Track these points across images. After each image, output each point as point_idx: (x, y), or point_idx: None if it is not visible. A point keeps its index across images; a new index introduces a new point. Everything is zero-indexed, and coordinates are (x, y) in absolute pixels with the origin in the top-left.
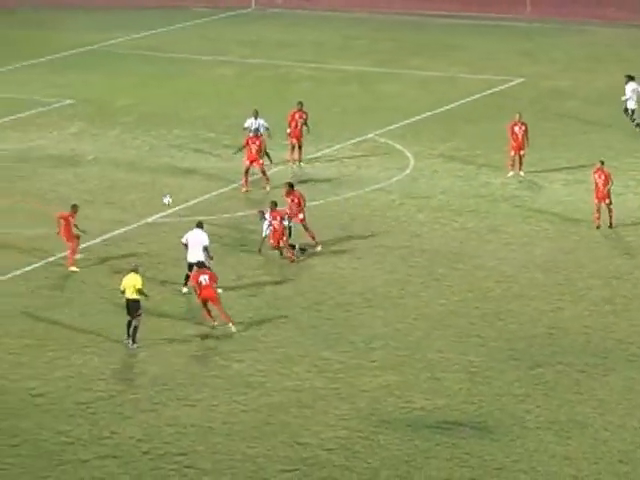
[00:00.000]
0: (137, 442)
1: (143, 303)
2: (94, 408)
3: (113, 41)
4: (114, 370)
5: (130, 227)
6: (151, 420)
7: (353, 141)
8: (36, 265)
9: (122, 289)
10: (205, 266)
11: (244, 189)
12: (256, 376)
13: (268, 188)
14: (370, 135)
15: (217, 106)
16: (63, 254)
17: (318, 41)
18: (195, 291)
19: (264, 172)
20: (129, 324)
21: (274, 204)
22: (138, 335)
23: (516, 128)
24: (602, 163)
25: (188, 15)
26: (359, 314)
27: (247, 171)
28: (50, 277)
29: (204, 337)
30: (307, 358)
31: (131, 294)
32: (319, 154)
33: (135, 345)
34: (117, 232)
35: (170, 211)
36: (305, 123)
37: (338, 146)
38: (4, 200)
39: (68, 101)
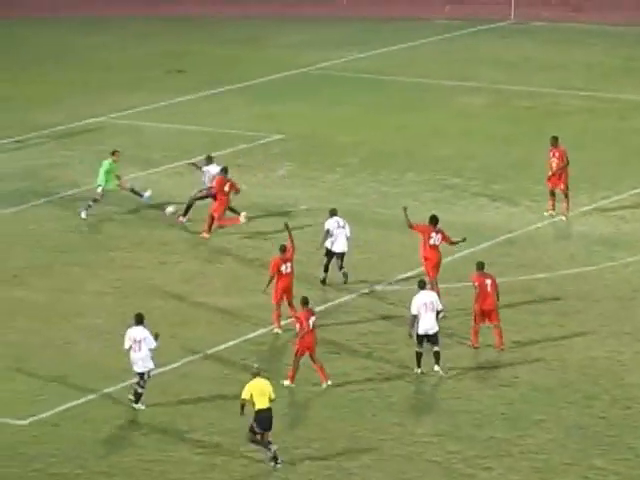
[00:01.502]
0: None
1: None
2: None
3: (331, 62)
4: (329, 477)
5: (352, 295)
6: None
7: (636, 191)
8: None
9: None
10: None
11: None
12: None
13: None
14: None
15: (462, 144)
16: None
17: (591, 62)
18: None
19: None
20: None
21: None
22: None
23: None
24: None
25: (428, 30)
26: None
27: None
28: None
29: (441, 436)
30: (574, 467)
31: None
32: (592, 206)
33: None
34: (340, 300)
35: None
36: (567, 164)
37: (617, 197)
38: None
39: (276, 136)
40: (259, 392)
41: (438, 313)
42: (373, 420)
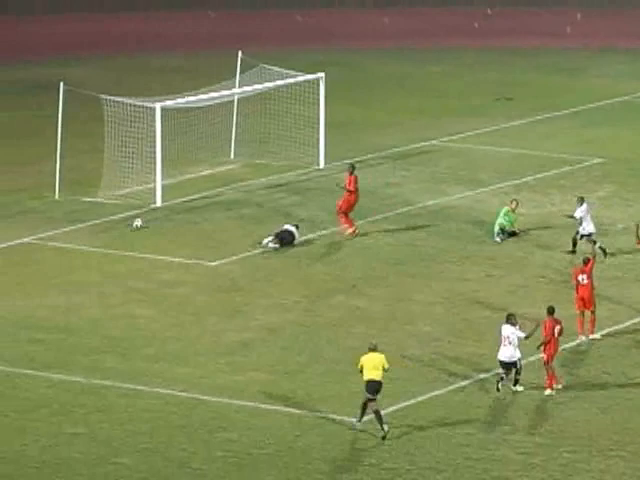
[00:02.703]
0: None
1: None
2: None
3: None
4: None
5: None
6: None
7: None
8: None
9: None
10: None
11: None
12: None
13: None
14: None
15: None
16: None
17: None
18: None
19: None
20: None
21: None
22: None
23: None
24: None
25: None
26: None
27: None
28: (567, 365)
29: None
30: None
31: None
32: None
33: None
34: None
35: None
36: None
37: None
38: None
39: (597, 160)
40: (371, 365)
41: None
42: None
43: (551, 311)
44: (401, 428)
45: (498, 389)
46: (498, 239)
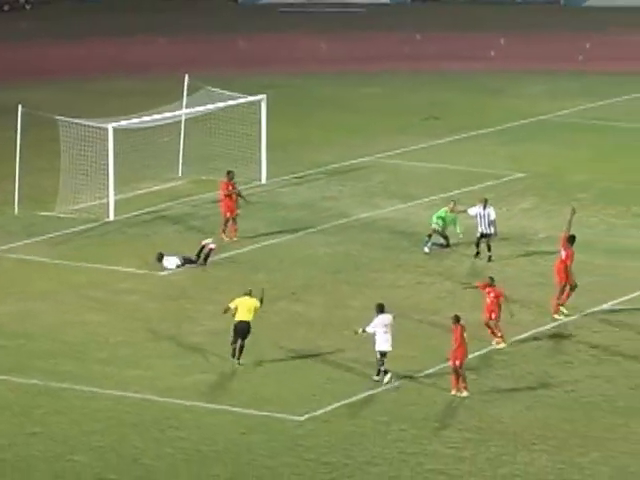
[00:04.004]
0: None
1: None
2: None
3: (566, 111)
4: (563, 471)
5: (584, 314)
6: None
7: None
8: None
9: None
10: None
11: None
12: None
13: None
14: None
15: None
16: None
17: None
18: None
19: None
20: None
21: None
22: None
23: None
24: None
25: None
26: None
27: None
28: (493, 366)
29: None
30: None
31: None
32: None
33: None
34: (569, 319)
35: (633, 295)
36: None
37: None
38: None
39: (519, 174)
40: (245, 308)
41: None
42: (601, 421)
43: (457, 319)
44: (339, 425)
45: (379, 373)
46: (426, 249)
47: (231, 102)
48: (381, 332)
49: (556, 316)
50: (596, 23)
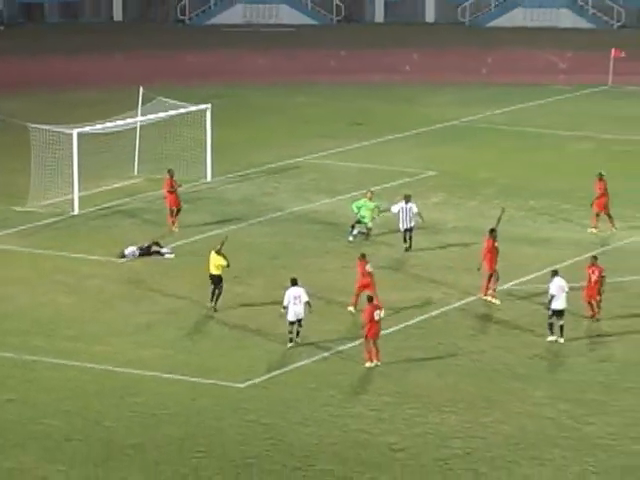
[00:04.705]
0: None
1: None
2: (451, 464)
3: (472, 117)
4: (469, 429)
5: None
6: (504, 477)
7: None
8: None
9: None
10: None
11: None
12: (605, 438)
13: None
14: None
15: (573, 179)
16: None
17: None
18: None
19: None
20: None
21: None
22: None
23: None
24: (595, 259)
25: (546, 92)
26: None
27: None
28: (409, 339)
29: (554, 398)
30: None
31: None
32: None
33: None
34: (475, 297)
35: (529, 277)
36: (606, 194)
37: None
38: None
39: (430, 173)
40: (212, 264)
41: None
42: (503, 386)
43: (370, 299)
44: (275, 392)
45: (291, 340)
46: (350, 238)
47: (181, 110)
48: (291, 304)
49: (483, 296)
50: (497, 41)
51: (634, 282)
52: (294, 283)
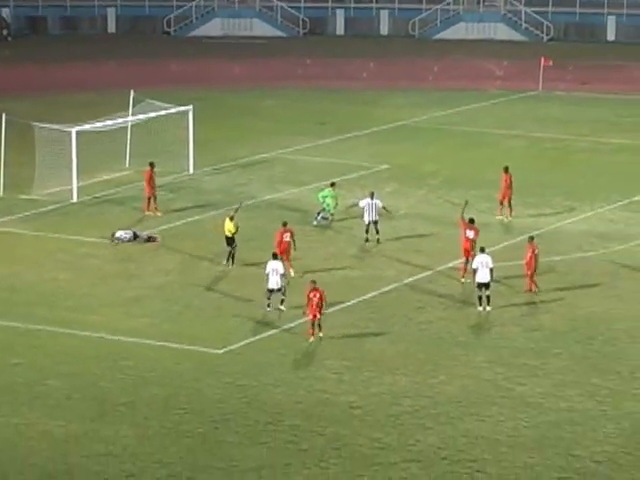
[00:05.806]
0: (437, 449)
1: None
2: (402, 420)
3: (421, 118)
4: (418, 389)
5: (434, 271)
6: (448, 431)
7: (621, 203)
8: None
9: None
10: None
11: None
12: (536, 397)
13: None
14: (637, 198)
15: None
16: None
17: (594, 118)
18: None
19: None
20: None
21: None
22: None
23: None
24: (532, 238)
25: (483, 97)
26: (624, 348)
27: None
28: (365, 311)
29: (492, 362)
30: (579, 384)
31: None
32: (590, 213)
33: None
34: (423, 275)
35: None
36: (510, 186)
37: (608, 207)
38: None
39: (384, 166)
40: (226, 228)
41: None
42: (447, 352)
43: (314, 283)
44: (250, 357)
45: (269, 306)
46: (315, 222)
47: (166, 111)
48: (271, 275)
49: (463, 280)
50: (442, 52)
51: (562, 261)
52: (275, 257)
